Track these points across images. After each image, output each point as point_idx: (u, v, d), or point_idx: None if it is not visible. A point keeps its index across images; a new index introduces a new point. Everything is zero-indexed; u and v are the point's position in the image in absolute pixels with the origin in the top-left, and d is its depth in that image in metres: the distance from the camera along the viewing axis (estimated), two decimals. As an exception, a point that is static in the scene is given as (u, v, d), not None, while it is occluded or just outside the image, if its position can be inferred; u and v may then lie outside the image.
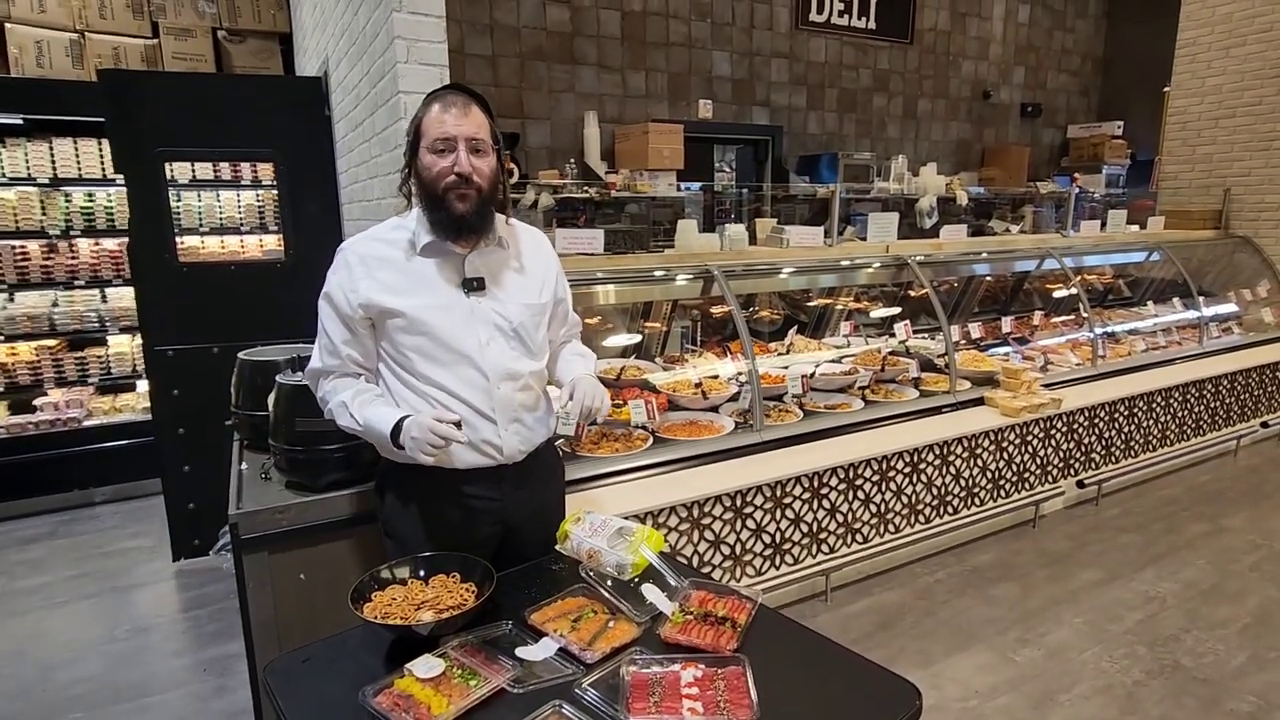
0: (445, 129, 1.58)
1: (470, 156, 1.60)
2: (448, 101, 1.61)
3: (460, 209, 1.62)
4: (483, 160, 1.62)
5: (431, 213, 1.64)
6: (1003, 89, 7.69)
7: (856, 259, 3.85)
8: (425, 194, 1.64)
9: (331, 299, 1.69)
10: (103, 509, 4.23)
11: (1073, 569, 3.28)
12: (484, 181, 1.62)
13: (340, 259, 1.69)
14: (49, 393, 4.43)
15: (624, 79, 5.68)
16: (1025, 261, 4.68)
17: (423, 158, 1.62)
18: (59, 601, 3.20)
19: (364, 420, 1.66)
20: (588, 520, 1.82)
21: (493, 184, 1.66)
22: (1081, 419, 3.86)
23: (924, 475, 3.31)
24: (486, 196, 1.64)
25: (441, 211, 1.62)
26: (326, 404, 1.75)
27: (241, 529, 1.98)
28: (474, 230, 1.67)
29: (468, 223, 1.64)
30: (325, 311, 1.71)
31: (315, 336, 1.77)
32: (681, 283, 3.36)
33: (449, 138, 1.58)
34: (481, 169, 1.62)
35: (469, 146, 1.60)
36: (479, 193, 1.62)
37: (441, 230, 1.64)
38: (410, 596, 1.51)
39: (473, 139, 1.60)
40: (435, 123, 1.60)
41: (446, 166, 1.59)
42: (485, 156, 1.63)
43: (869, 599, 3.07)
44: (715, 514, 2.77)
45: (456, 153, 1.59)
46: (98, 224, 4.36)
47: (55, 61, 4.07)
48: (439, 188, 1.61)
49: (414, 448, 1.59)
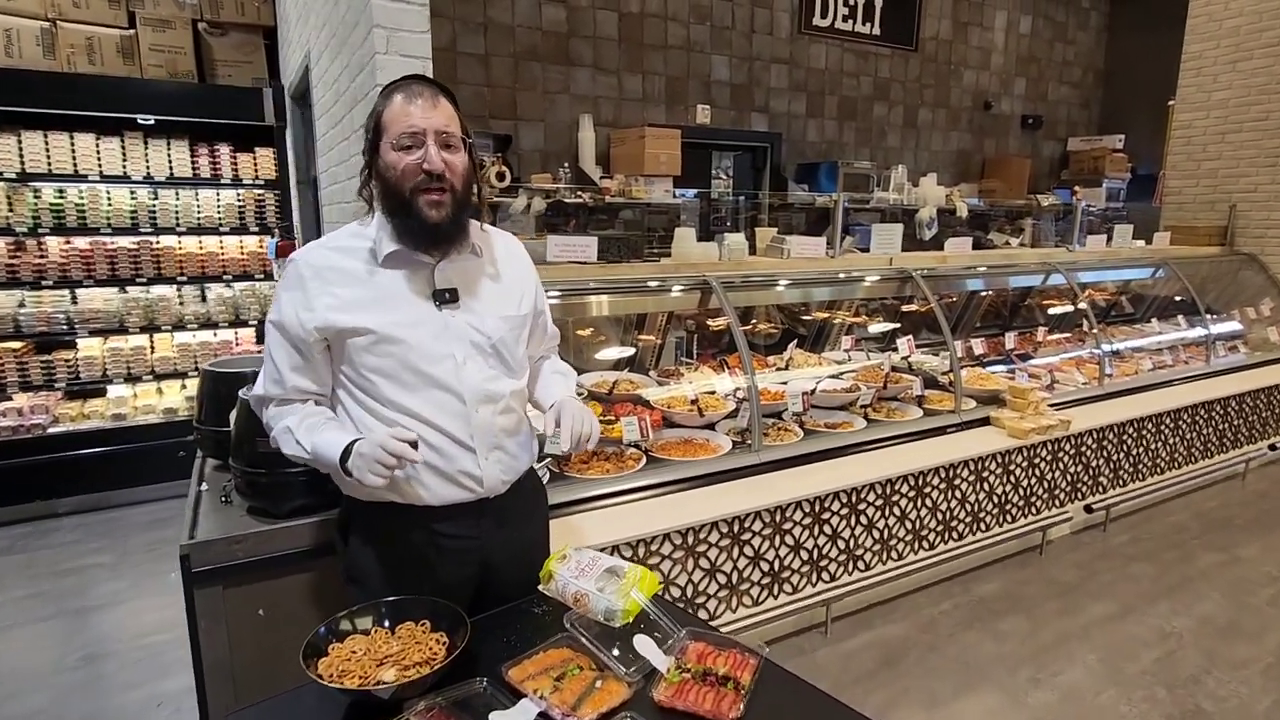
0: (411, 121, 1.40)
1: (441, 152, 1.42)
2: (412, 92, 1.43)
3: (433, 217, 1.44)
4: (455, 157, 1.44)
5: (398, 219, 1.45)
6: (1004, 100, 7.60)
7: (859, 271, 3.70)
8: (390, 197, 1.45)
9: (281, 320, 1.49)
10: (65, 521, 4.02)
11: (1083, 601, 3.13)
12: (457, 180, 1.45)
13: (292, 272, 1.49)
14: (13, 397, 4.22)
15: (620, 82, 5.53)
16: (1029, 276, 4.55)
17: (385, 155, 1.43)
18: (6, 625, 2.99)
19: (311, 447, 1.47)
20: (574, 558, 1.65)
21: (466, 184, 1.48)
22: (1090, 441, 3.72)
23: (929, 499, 3.16)
24: (461, 199, 1.47)
25: (411, 219, 1.44)
26: (271, 429, 1.56)
27: (193, 561, 1.80)
28: (449, 240, 1.49)
29: (442, 232, 1.46)
30: (272, 335, 1.51)
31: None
32: (678, 294, 3.20)
33: (416, 131, 1.41)
34: (453, 165, 1.44)
35: (439, 141, 1.42)
36: (453, 194, 1.44)
37: (410, 239, 1.46)
38: (373, 650, 1.33)
39: (443, 132, 1.42)
40: (400, 115, 1.41)
41: (414, 163, 1.41)
42: (457, 152, 1.45)
43: (871, 632, 2.91)
44: (711, 540, 2.60)
45: (425, 147, 1.41)
46: (68, 221, 4.17)
47: (25, 51, 3.88)
48: (406, 189, 1.43)
49: (362, 468, 1.39)
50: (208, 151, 4.39)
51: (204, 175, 4.40)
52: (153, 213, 4.34)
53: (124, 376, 4.39)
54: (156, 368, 4.45)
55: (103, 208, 4.24)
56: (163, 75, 4.19)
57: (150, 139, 4.24)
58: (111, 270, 4.27)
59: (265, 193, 4.55)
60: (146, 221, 4.31)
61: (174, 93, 4.18)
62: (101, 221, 4.23)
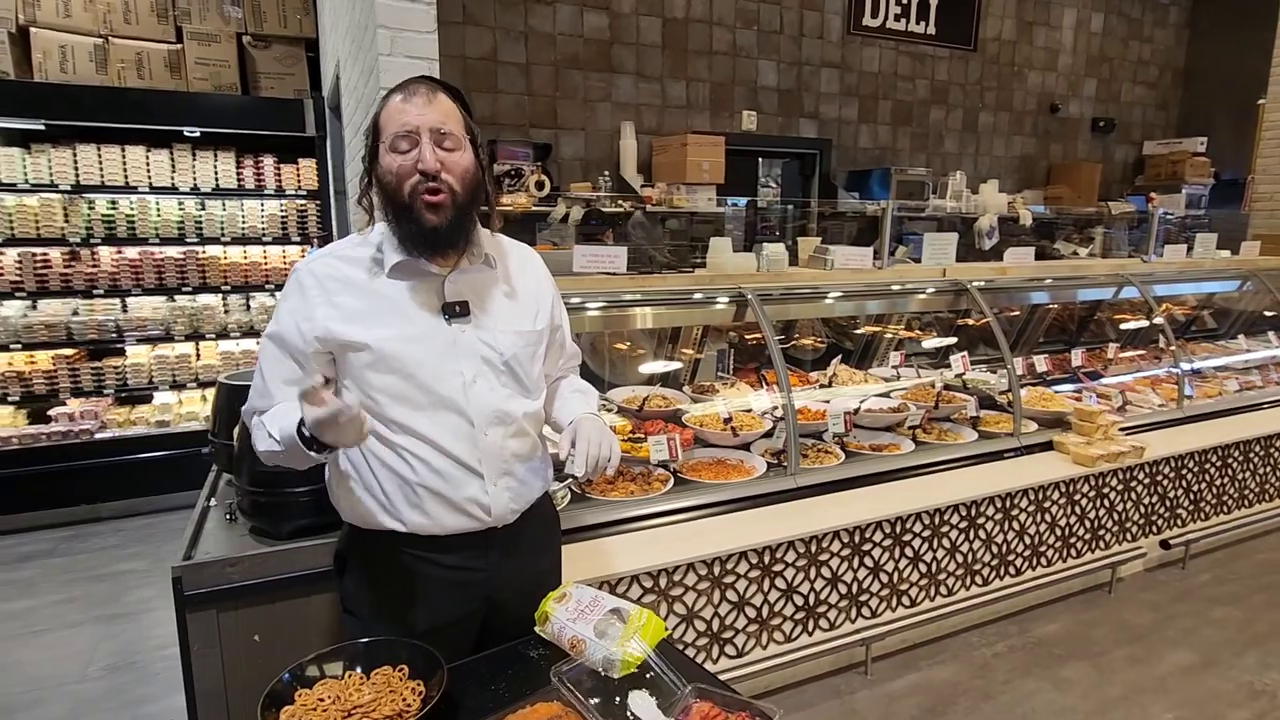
0: (406, 120, 1.30)
1: (436, 150, 1.31)
2: (409, 91, 1.33)
3: (431, 220, 1.33)
4: (453, 155, 1.33)
5: (399, 225, 1.36)
6: (1072, 102, 7.19)
7: (909, 283, 3.48)
8: (390, 203, 1.35)
9: (280, 331, 1.39)
10: (106, 526, 4.10)
11: (1159, 648, 2.83)
12: (455, 180, 1.33)
13: (294, 281, 1.41)
14: (66, 403, 4.34)
15: (663, 88, 5.41)
16: (1099, 289, 4.22)
17: (383, 160, 1.33)
18: (39, 630, 3.03)
19: (280, 432, 1.30)
20: (574, 598, 1.51)
21: (469, 185, 1.36)
22: (1167, 469, 3.39)
23: (983, 531, 2.91)
24: (462, 202, 1.35)
25: (410, 224, 1.34)
26: (254, 438, 1.41)
27: (186, 583, 1.73)
28: (450, 244, 1.38)
29: (441, 235, 1.35)
30: (267, 349, 1.41)
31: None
32: (713, 306, 3.04)
33: (410, 129, 1.30)
34: (451, 164, 1.33)
35: (434, 138, 1.31)
36: (451, 195, 1.33)
37: (412, 245, 1.36)
38: (344, 698, 1.22)
39: (438, 129, 1.31)
40: (394, 115, 1.32)
41: (409, 163, 1.31)
42: (457, 151, 1.34)
43: (916, 674, 2.68)
44: (740, 571, 2.43)
45: (420, 146, 1.30)
46: (119, 232, 4.27)
47: (79, 67, 3.99)
48: (404, 192, 1.32)
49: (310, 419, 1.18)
50: (252, 162, 4.44)
51: (248, 186, 4.46)
52: (199, 223, 4.41)
53: (169, 383, 4.47)
54: (201, 375, 4.51)
55: (151, 218, 4.32)
56: (208, 88, 4.27)
57: (197, 151, 4.31)
58: (159, 279, 4.35)
59: (307, 203, 4.58)
60: (193, 232, 4.38)
61: (219, 105, 4.25)
62: (150, 232, 4.32)
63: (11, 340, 4.12)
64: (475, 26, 4.76)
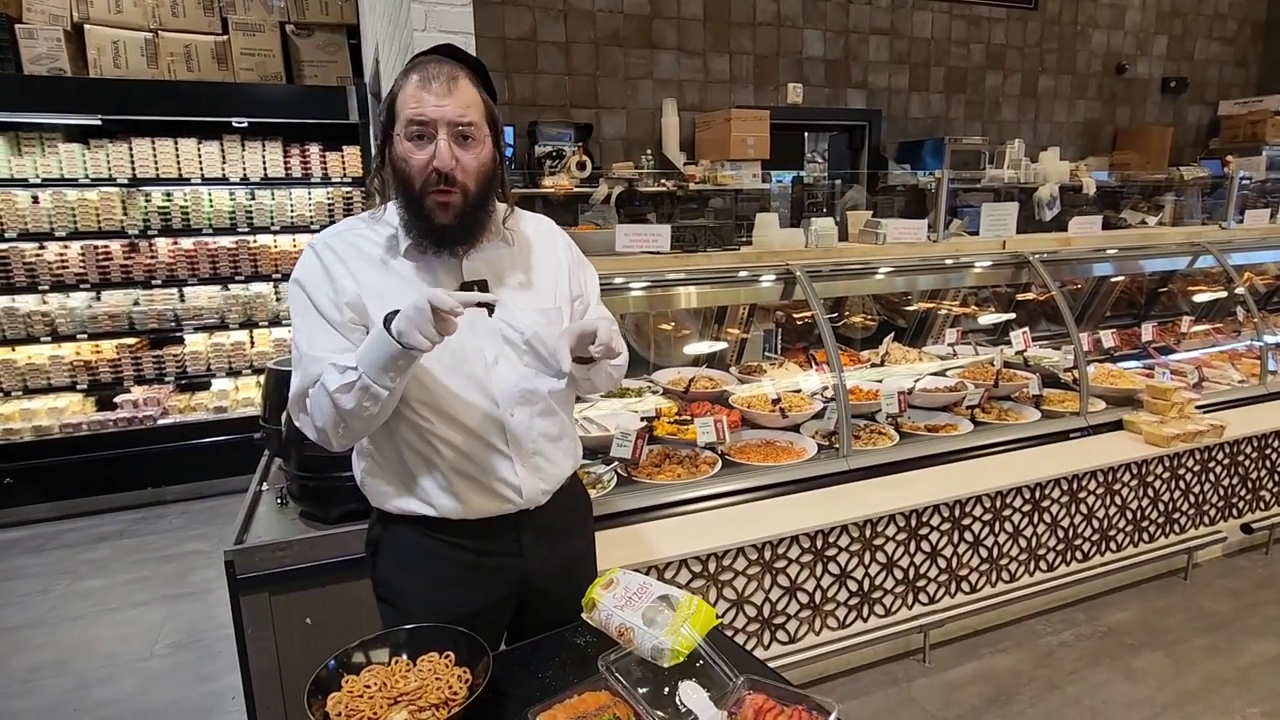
0: (422, 110, 1.23)
1: (454, 147, 1.25)
2: (428, 73, 1.25)
3: (440, 219, 1.28)
4: (471, 152, 1.27)
5: (408, 214, 1.31)
6: (1140, 62, 6.77)
7: (966, 256, 3.32)
8: (401, 189, 1.30)
9: (312, 304, 1.33)
10: (173, 508, 4.25)
11: (1240, 638, 2.67)
12: (470, 180, 1.28)
13: (310, 257, 1.36)
14: (130, 390, 4.49)
15: (706, 63, 5.28)
16: (1172, 259, 3.98)
17: (397, 145, 1.27)
18: (111, 608, 3.15)
19: (356, 359, 1.23)
20: (622, 584, 1.47)
21: (484, 181, 1.31)
22: (1249, 449, 3.19)
23: (1048, 514, 2.78)
24: (475, 200, 1.30)
25: (420, 220, 1.29)
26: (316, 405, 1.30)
27: (238, 567, 1.76)
28: (459, 241, 1.33)
29: (450, 234, 1.30)
30: (304, 321, 1.33)
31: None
32: (760, 284, 2.95)
33: (425, 121, 1.23)
34: (468, 164, 1.27)
35: (452, 133, 1.24)
36: (463, 195, 1.28)
37: (418, 236, 1.31)
38: (389, 685, 1.20)
39: (457, 123, 1.24)
40: (410, 101, 1.24)
41: (423, 160, 1.25)
42: (475, 146, 1.28)
43: (977, 662, 2.58)
44: (791, 556, 2.36)
45: (435, 142, 1.24)
46: (174, 224, 4.38)
47: (131, 61, 4.08)
48: (416, 185, 1.27)
49: (409, 323, 1.16)
50: (298, 151, 4.50)
51: (295, 175, 4.52)
52: (249, 213, 4.49)
53: (226, 370, 4.59)
54: (255, 362, 4.63)
55: (204, 209, 4.42)
56: (254, 79, 4.33)
57: (246, 141, 4.38)
58: (213, 269, 4.46)
59: (352, 190, 4.63)
60: (244, 221, 4.47)
61: (266, 95, 4.30)
62: (203, 223, 4.42)
63: (78, 330, 4.28)
64: (514, 6, 4.70)
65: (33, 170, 4.12)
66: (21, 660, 2.79)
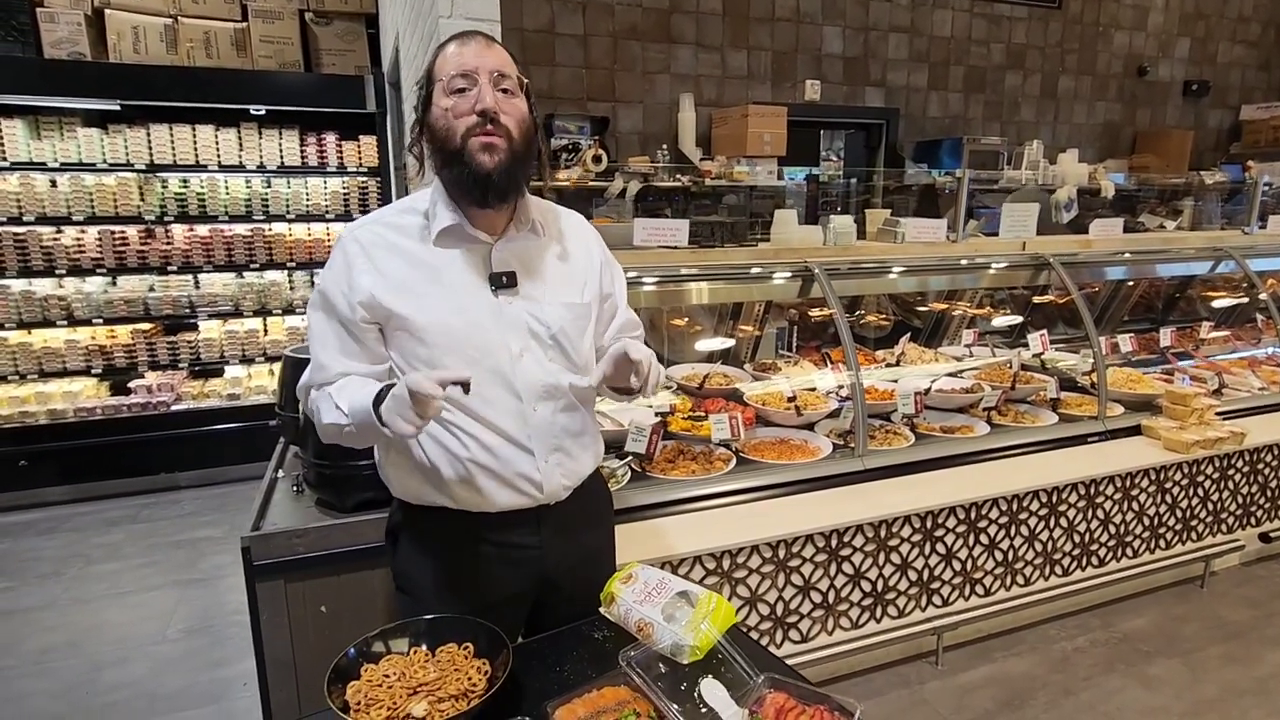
0: (464, 61, 1.27)
1: (497, 93, 1.27)
2: (465, 38, 1.31)
3: (485, 163, 1.26)
4: (511, 101, 1.30)
5: (450, 169, 1.29)
6: (1162, 64, 6.71)
7: (985, 257, 3.29)
8: (441, 149, 1.29)
9: (328, 300, 1.35)
10: (185, 494, 4.26)
11: (1258, 647, 2.64)
12: (514, 126, 1.29)
13: (338, 250, 1.37)
14: (144, 375, 4.51)
15: (724, 59, 5.25)
16: (1193, 264, 3.93)
17: (438, 103, 1.29)
18: (124, 591, 3.17)
19: (348, 406, 1.27)
20: (641, 579, 1.46)
21: (524, 134, 1.31)
22: (1269, 457, 3.15)
23: (1064, 519, 2.75)
24: (518, 149, 1.30)
25: (462, 166, 1.27)
26: (315, 411, 1.37)
27: (254, 554, 1.76)
28: (502, 194, 1.31)
29: (494, 183, 1.28)
30: (317, 318, 1.38)
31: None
32: (777, 281, 2.93)
33: (469, 70, 1.26)
34: (510, 108, 1.29)
35: (494, 81, 1.27)
36: (508, 140, 1.28)
37: (462, 193, 1.31)
38: (409, 675, 1.20)
39: (498, 72, 1.28)
40: (451, 58, 1.28)
41: (466, 105, 1.26)
42: (514, 98, 1.30)
43: (990, 665, 2.56)
44: (805, 555, 2.35)
45: (479, 86, 1.26)
46: (190, 210, 4.38)
47: (150, 47, 4.09)
48: (458, 134, 1.27)
49: (392, 410, 1.19)
50: (315, 140, 4.50)
51: (311, 164, 4.52)
52: (265, 201, 4.50)
53: (239, 358, 4.60)
54: (268, 350, 4.63)
55: (220, 196, 4.43)
56: (272, 66, 4.33)
57: (263, 129, 4.38)
58: (229, 256, 4.47)
59: (368, 180, 4.62)
60: (259, 209, 4.48)
61: (283, 83, 4.30)
62: (220, 210, 4.42)
63: (94, 315, 4.29)
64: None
65: (51, 154, 4.13)
66: (34, 642, 2.81)
